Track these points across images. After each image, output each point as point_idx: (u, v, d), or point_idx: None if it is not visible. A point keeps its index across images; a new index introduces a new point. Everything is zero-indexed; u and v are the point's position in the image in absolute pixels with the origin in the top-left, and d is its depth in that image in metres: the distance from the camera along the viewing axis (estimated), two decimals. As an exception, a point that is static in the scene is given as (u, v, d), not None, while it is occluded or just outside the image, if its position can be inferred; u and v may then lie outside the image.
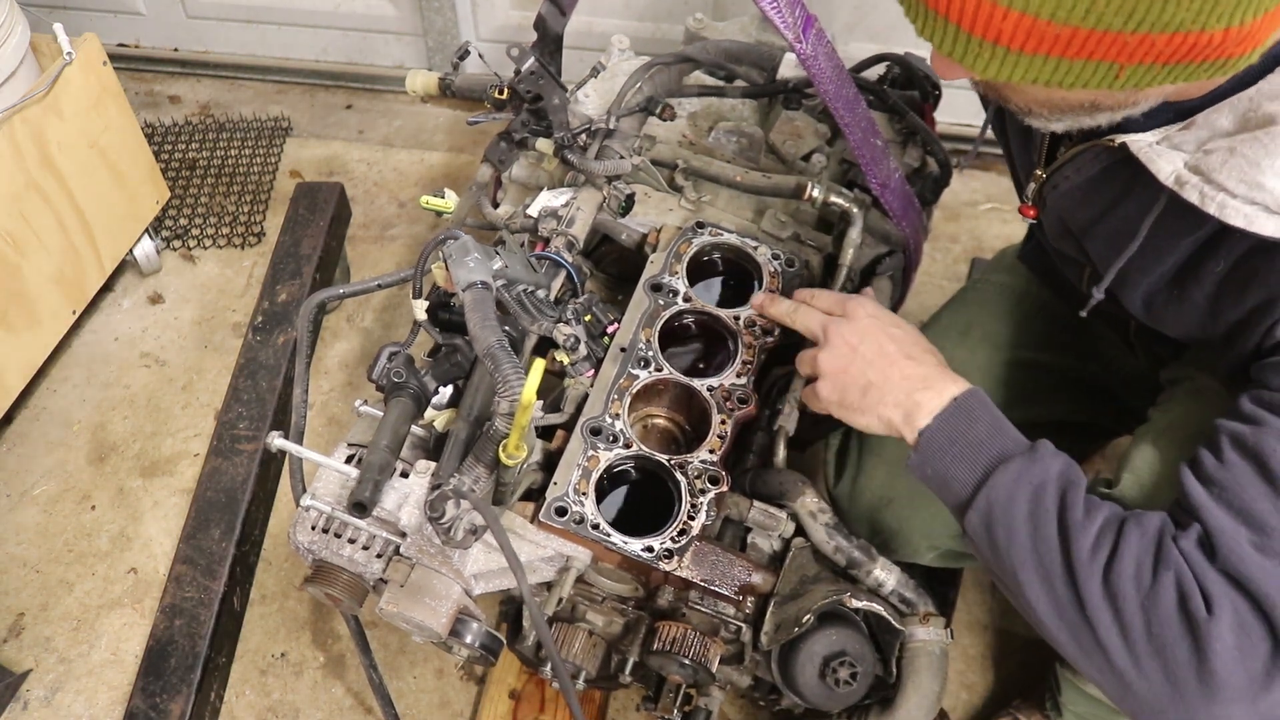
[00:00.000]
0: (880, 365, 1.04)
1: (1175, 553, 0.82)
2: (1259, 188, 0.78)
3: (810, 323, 1.14)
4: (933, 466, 0.97)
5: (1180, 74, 0.72)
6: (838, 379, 1.06)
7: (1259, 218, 0.79)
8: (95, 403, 2.06)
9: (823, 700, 1.11)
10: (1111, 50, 0.69)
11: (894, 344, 1.05)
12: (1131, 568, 0.83)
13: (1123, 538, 0.85)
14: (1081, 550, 0.85)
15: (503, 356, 0.94)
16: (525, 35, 1.48)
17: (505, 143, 1.47)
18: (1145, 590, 0.82)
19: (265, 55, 2.78)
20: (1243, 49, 0.70)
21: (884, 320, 1.09)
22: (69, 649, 1.72)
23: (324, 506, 1.11)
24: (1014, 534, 0.89)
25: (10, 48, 1.74)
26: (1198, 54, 0.69)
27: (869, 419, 1.04)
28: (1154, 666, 0.81)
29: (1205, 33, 0.67)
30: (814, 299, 1.18)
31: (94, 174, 1.97)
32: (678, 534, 1.10)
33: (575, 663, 1.19)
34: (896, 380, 1.02)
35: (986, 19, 0.70)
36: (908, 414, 0.99)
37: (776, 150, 1.49)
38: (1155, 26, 0.67)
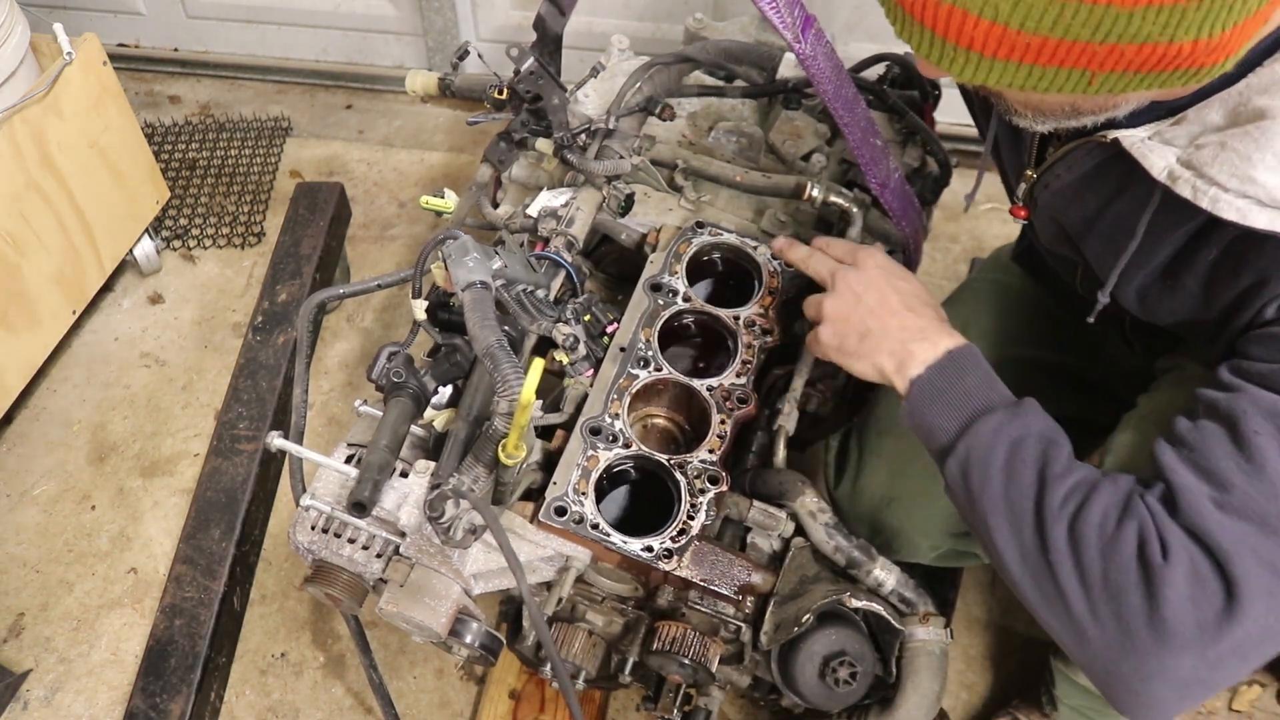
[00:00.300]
0: (880, 314, 1.06)
1: (1141, 506, 0.84)
2: (1250, 181, 0.79)
3: (821, 268, 1.15)
4: (920, 415, 0.99)
5: (1153, 81, 0.73)
6: (839, 324, 1.08)
7: (1251, 211, 0.80)
8: (95, 403, 2.06)
9: (822, 700, 1.11)
10: (1082, 58, 0.70)
11: (897, 295, 1.07)
12: (1098, 516, 0.85)
13: (1094, 491, 0.87)
14: (1053, 499, 0.87)
15: (502, 356, 0.94)
16: (525, 35, 1.48)
17: (505, 143, 1.47)
18: (1107, 538, 0.83)
19: (265, 55, 2.78)
20: (1214, 59, 0.70)
21: (891, 272, 1.11)
22: (69, 649, 1.72)
23: (324, 506, 1.11)
24: (988, 481, 0.91)
25: (10, 48, 1.74)
26: (1168, 64, 0.70)
27: (864, 365, 1.06)
28: (1108, 612, 0.83)
29: (1174, 44, 0.68)
30: (829, 246, 1.19)
31: (94, 174, 1.97)
32: (677, 534, 1.10)
33: (575, 663, 1.19)
34: (894, 329, 1.04)
35: (959, 26, 0.71)
36: (901, 362, 1.01)
37: (776, 150, 1.49)
38: (1123, 38, 0.68)
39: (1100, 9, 0.66)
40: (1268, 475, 0.80)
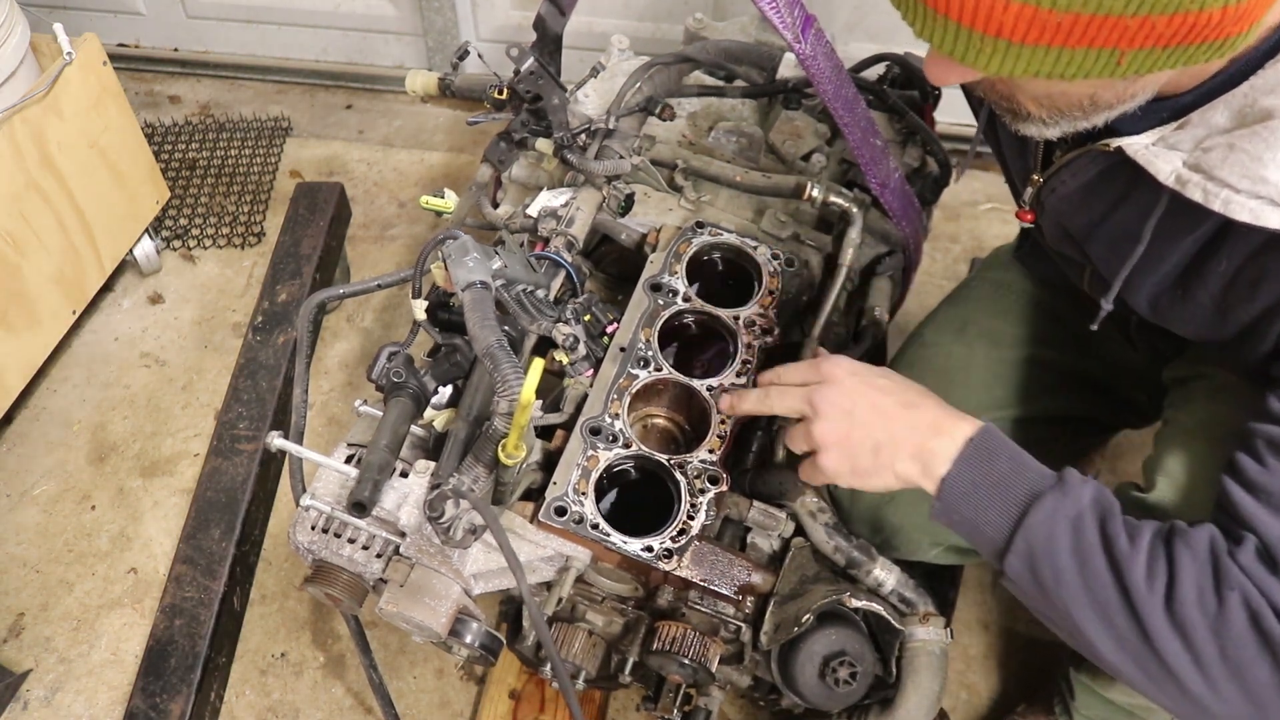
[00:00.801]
0: (883, 422, 0.99)
1: (1235, 570, 0.81)
2: (1263, 181, 0.79)
3: (790, 401, 1.06)
4: (959, 513, 0.94)
5: (1180, 57, 0.72)
6: (842, 448, 1.00)
7: (1265, 211, 0.79)
8: (95, 403, 2.06)
9: (822, 700, 1.11)
10: (1113, 36, 0.70)
11: (888, 396, 1.01)
12: (1193, 593, 0.81)
13: (1176, 562, 0.83)
14: (1137, 581, 0.83)
15: (502, 356, 0.94)
16: (525, 35, 1.48)
17: (505, 143, 1.47)
18: (1213, 614, 0.81)
19: (265, 55, 2.78)
20: (1240, 27, 0.70)
21: (866, 375, 1.04)
22: (69, 649, 1.72)
23: (324, 506, 1.11)
24: (1060, 572, 0.87)
25: (10, 48, 1.74)
26: (1197, 34, 0.69)
27: (884, 479, 0.99)
28: (1233, 689, 0.80)
29: (1205, 11, 0.67)
30: (781, 377, 1.11)
31: (94, 174, 1.97)
32: (677, 534, 1.10)
33: (575, 663, 1.19)
34: (904, 433, 0.98)
35: (988, 13, 0.70)
36: (925, 465, 0.96)
37: (776, 150, 1.49)
38: (1156, 8, 0.67)
39: None
40: None
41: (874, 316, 1.37)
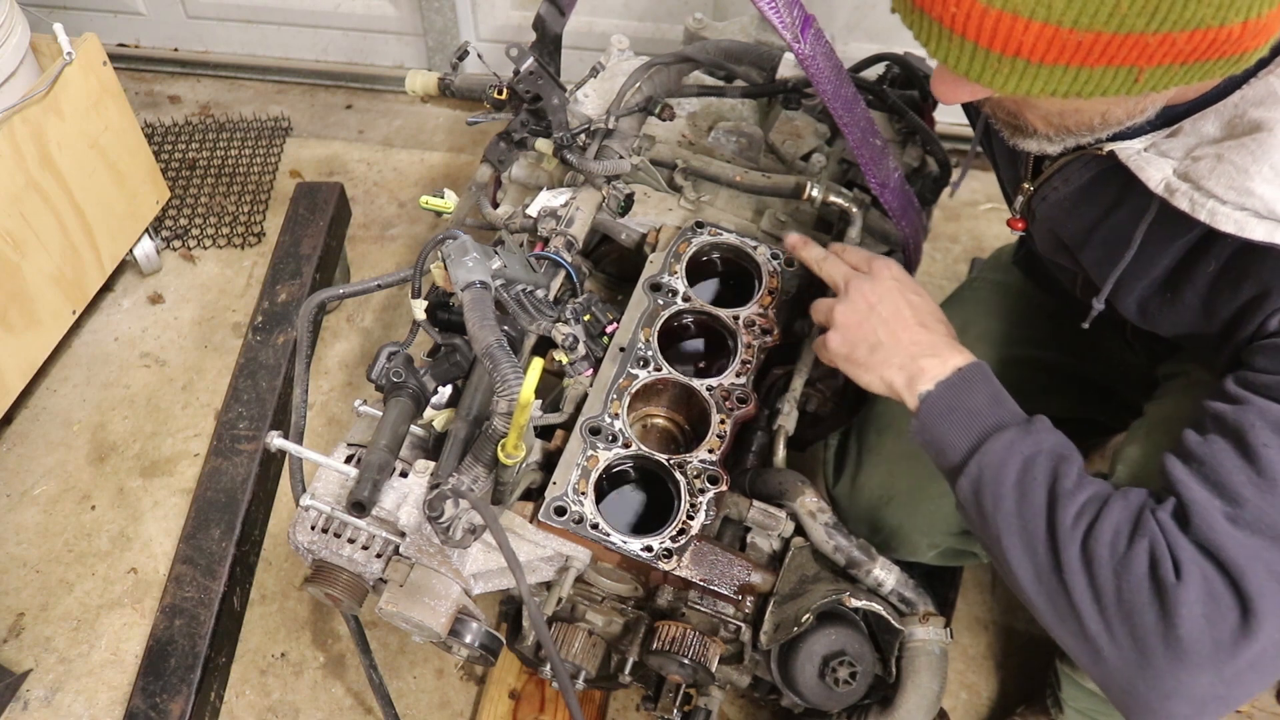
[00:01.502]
0: (892, 326, 1.06)
1: (1152, 522, 0.84)
2: (1248, 194, 0.79)
3: (835, 273, 1.15)
4: (930, 432, 0.99)
5: (1197, 73, 0.72)
6: (849, 333, 1.08)
7: (1249, 223, 0.80)
8: (95, 403, 2.06)
9: (822, 700, 1.11)
10: (1133, 53, 0.69)
11: (910, 309, 1.07)
12: (1109, 534, 0.85)
13: (1105, 507, 0.87)
14: (1065, 517, 0.87)
15: (501, 356, 0.94)
16: (525, 35, 1.48)
17: (504, 143, 1.47)
18: (1119, 556, 0.83)
19: (265, 55, 2.78)
20: (1258, 41, 0.70)
21: (905, 285, 1.10)
22: (69, 649, 1.72)
23: (324, 506, 1.11)
24: (1001, 500, 0.91)
25: (10, 48, 1.74)
26: (1216, 50, 0.69)
27: (872, 377, 1.05)
28: (1123, 631, 0.83)
29: (1225, 27, 0.67)
30: (845, 253, 1.19)
31: (94, 174, 1.97)
32: (677, 533, 1.10)
33: (575, 662, 1.19)
34: (905, 343, 1.04)
35: (1007, 33, 0.69)
36: (911, 378, 1.01)
37: (776, 150, 1.49)
38: (1178, 25, 0.67)
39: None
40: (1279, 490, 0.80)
41: (874, 316, 1.37)
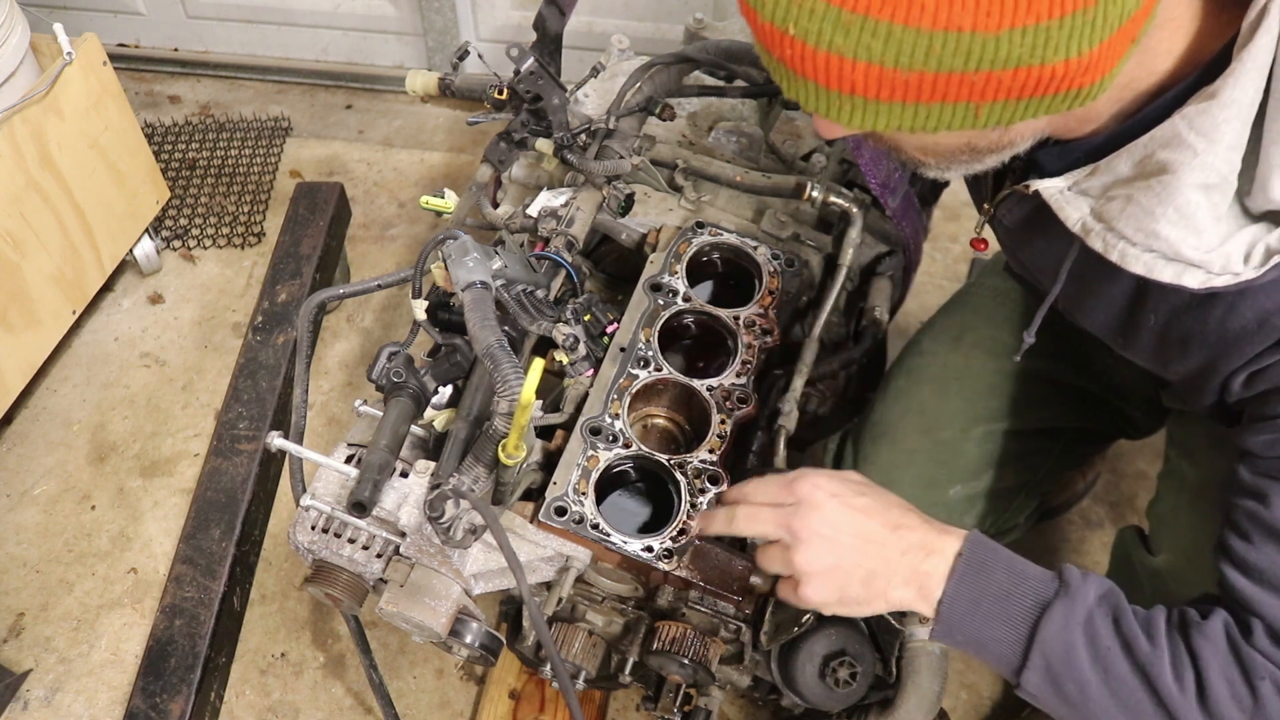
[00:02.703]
0: (872, 549, 0.94)
1: (1257, 657, 0.82)
2: (1155, 236, 0.79)
3: (763, 526, 1.00)
4: (963, 632, 0.92)
5: (1038, 107, 0.72)
6: (829, 578, 0.95)
7: (1157, 265, 0.80)
8: (95, 403, 2.06)
9: (822, 700, 1.11)
10: (962, 90, 0.69)
11: (872, 519, 0.96)
12: (1225, 688, 0.82)
13: (1199, 657, 0.83)
14: (1167, 684, 0.83)
15: (502, 356, 0.94)
16: (525, 35, 1.48)
17: (505, 143, 1.47)
18: (1249, 707, 0.81)
19: (265, 55, 2.78)
20: (1091, 78, 0.70)
21: (846, 494, 0.98)
22: (69, 649, 1.72)
23: (324, 506, 1.11)
24: (1085, 685, 0.86)
25: (10, 48, 1.74)
26: (1045, 87, 0.69)
27: (876, 606, 0.96)
28: None
29: (1046, 66, 0.67)
30: (748, 494, 1.04)
31: (94, 174, 1.97)
32: (677, 534, 1.10)
33: (575, 663, 1.19)
34: (896, 558, 0.94)
35: (838, 73, 0.70)
36: (920, 588, 0.93)
37: (776, 150, 1.49)
38: (995, 64, 0.67)
39: (967, 36, 0.65)
40: None
41: (874, 316, 1.37)
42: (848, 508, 0.96)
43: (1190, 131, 0.75)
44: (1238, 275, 0.76)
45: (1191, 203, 0.76)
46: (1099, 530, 1.80)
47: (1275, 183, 0.74)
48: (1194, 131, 0.75)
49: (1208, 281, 0.77)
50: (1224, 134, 0.74)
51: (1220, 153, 0.75)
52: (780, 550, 0.98)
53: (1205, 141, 0.75)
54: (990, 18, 0.64)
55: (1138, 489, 1.85)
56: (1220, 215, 0.77)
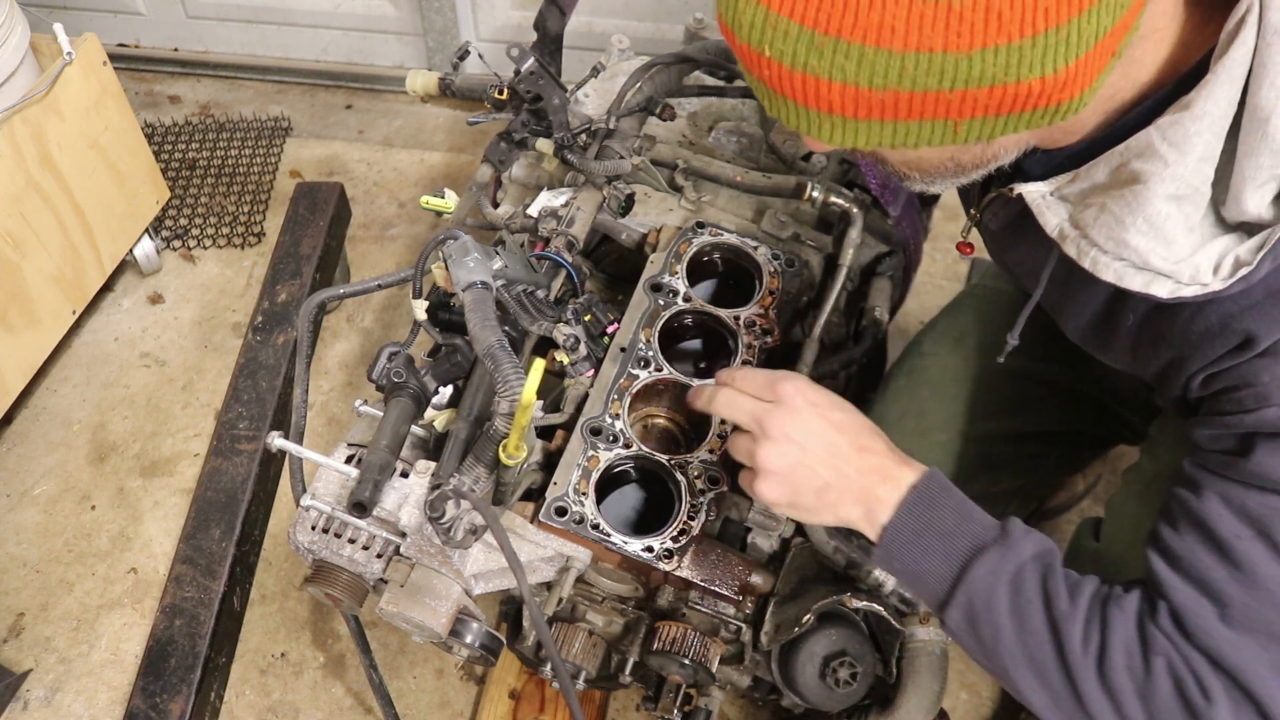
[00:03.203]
0: (834, 462, 0.94)
1: (1158, 636, 0.82)
2: (1124, 245, 0.79)
3: (738, 413, 1.00)
4: (901, 561, 0.93)
5: (1018, 123, 0.72)
6: (784, 479, 0.96)
7: (1127, 273, 0.80)
8: (95, 403, 2.06)
9: (823, 700, 1.11)
10: (939, 108, 0.69)
11: (842, 435, 0.96)
12: (1123, 658, 0.83)
13: (1109, 625, 0.84)
14: (1073, 643, 0.85)
15: (503, 356, 0.94)
16: (526, 35, 1.48)
17: (505, 143, 1.47)
18: (1140, 680, 0.82)
19: (265, 55, 2.78)
20: (1069, 94, 0.69)
21: (824, 405, 0.97)
22: (69, 649, 1.72)
23: (324, 506, 1.11)
24: (999, 630, 0.88)
25: (10, 48, 1.74)
26: (1022, 104, 0.69)
27: (824, 518, 0.97)
28: None
29: (1022, 83, 0.67)
30: (736, 380, 1.03)
31: (94, 174, 1.97)
32: (677, 534, 1.10)
33: (575, 663, 1.19)
34: (853, 476, 0.94)
35: (815, 93, 0.70)
36: (868, 510, 0.94)
37: (776, 150, 1.49)
38: (969, 83, 0.67)
39: (939, 56, 0.65)
40: (1261, 582, 0.79)
41: (874, 316, 1.37)
42: (821, 419, 0.96)
43: (1163, 142, 0.75)
44: (1206, 286, 0.77)
45: (1161, 213, 0.76)
46: (1099, 530, 1.80)
47: (1248, 195, 0.74)
48: (1166, 142, 0.75)
49: (1176, 291, 0.78)
50: (1195, 145, 0.74)
51: (1191, 164, 0.75)
52: (748, 441, 0.98)
53: (1176, 153, 0.75)
54: (961, 38, 0.64)
55: (1138, 489, 1.85)
56: (1193, 225, 0.77)
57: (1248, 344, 0.79)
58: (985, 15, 0.63)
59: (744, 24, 0.70)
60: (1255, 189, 0.73)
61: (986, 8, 0.63)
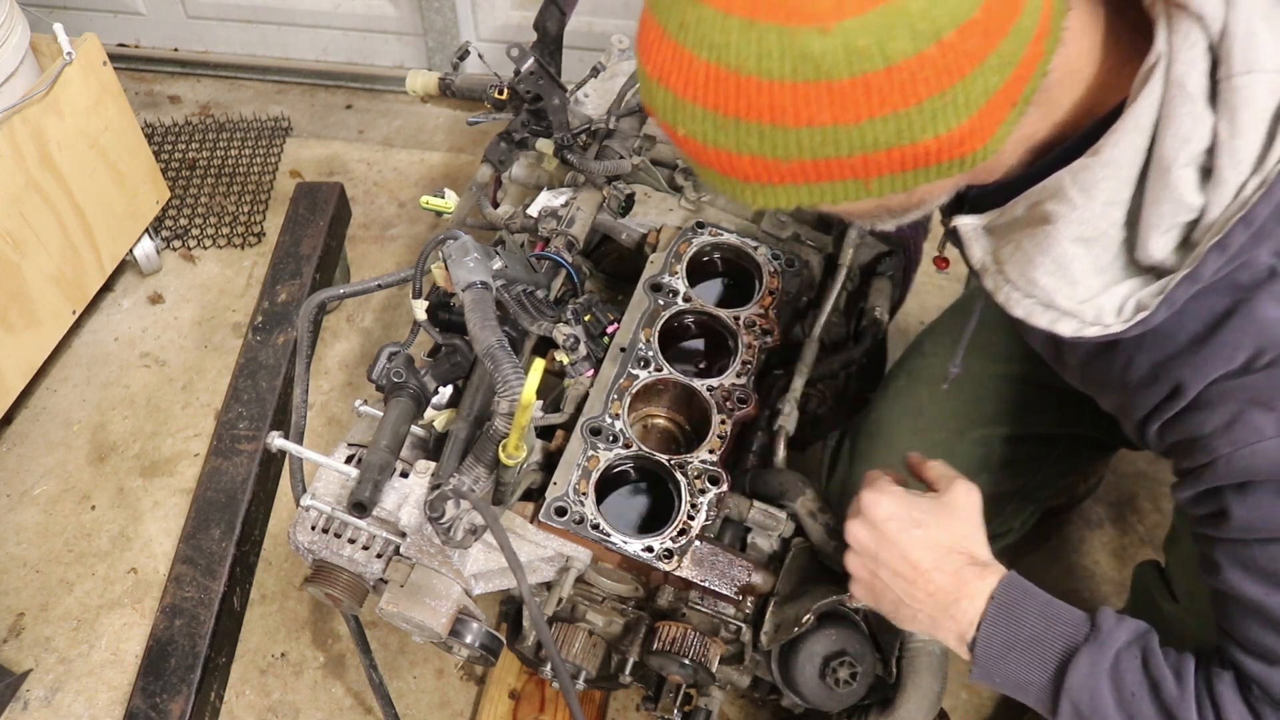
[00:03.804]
0: (904, 583, 0.96)
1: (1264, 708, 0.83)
2: (1033, 283, 0.80)
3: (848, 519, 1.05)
4: (1000, 675, 0.93)
5: (926, 175, 0.72)
6: (867, 587, 1.00)
7: (1035, 311, 0.81)
8: (95, 403, 2.06)
9: (823, 700, 1.11)
10: (844, 171, 0.71)
11: (920, 551, 0.96)
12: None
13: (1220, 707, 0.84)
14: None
15: (502, 356, 0.94)
16: (526, 35, 1.48)
17: (505, 143, 1.47)
18: None
19: (265, 55, 2.78)
20: (969, 148, 0.70)
21: (901, 518, 0.97)
22: (69, 649, 1.72)
23: (324, 506, 1.11)
24: None
25: (10, 48, 1.74)
26: (923, 160, 0.70)
27: (907, 627, 1.01)
28: None
29: (918, 144, 0.68)
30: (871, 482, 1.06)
31: (94, 174, 1.97)
32: (677, 534, 1.10)
33: (575, 663, 1.19)
34: (924, 599, 0.95)
35: (730, 164, 0.73)
36: (957, 630, 0.94)
37: (776, 150, 1.49)
38: (865, 149, 0.68)
39: (830, 129, 0.67)
40: None
41: (874, 316, 1.37)
42: (896, 535, 0.97)
43: (1073, 186, 0.77)
44: (1108, 327, 0.78)
45: (1068, 254, 0.78)
46: (1099, 530, 1.80)
47: (1152, 240, 0.75)
48: (1076, 186, 0.76)
49: (1080, 330, 0.79)
50: (1101, 190, 0.75)
51: (1097, 208, 0.76)
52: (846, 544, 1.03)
53: (1084, 197, 0.76)
54: (846, 112, 0.66)
55: (1138, 489, 1.85)
56: (1103, 266, 0.78)
57: (1177, 393, 0.80)
58: (865, 91, 0.65)
59: (658, 107, 0.74)
60: (1159, 235, 0.75)
61: (865, 84, 0.64)
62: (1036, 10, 0.68)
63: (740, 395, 1.21)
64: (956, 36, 0.63)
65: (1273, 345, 0.75)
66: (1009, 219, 0.84)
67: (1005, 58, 0.66)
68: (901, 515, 0.98)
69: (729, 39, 0.65)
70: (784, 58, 0.64)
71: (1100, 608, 0.92)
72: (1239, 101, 0.70)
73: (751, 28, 0.64)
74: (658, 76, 0.71)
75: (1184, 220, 0.74)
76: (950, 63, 0.64)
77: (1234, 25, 0.70)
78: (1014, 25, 0.66)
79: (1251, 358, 0.76)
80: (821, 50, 0.63)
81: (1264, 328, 0.75)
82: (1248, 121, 0.70)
